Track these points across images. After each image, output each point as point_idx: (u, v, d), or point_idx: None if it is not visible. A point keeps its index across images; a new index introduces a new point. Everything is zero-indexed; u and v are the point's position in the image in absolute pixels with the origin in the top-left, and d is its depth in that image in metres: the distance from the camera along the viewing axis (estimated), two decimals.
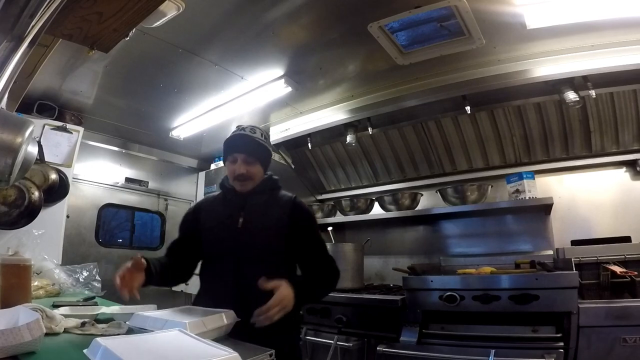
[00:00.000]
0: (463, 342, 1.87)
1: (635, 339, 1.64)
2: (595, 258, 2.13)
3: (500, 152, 2.78)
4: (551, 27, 1.97)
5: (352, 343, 2.14)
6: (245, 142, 1.50)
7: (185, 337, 0.88)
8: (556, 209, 2.51)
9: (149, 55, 2.28)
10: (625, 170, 2.50)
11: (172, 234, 3.92)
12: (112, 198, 3.51)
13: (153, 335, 0.91)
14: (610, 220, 2.44)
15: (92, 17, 1.41)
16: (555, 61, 2.23)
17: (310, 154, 3.41)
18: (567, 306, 1.74)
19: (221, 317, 1.09)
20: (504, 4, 1.82)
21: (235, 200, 1.51)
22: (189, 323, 0.95)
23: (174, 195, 4.02)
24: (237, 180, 1.49)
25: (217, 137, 3.53)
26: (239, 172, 1.46)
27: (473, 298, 1.91)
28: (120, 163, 3.60)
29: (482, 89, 2.39)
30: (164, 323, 1.00)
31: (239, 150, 1.49)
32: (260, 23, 2.01)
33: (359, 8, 1.89)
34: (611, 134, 2.47)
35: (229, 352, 0.75)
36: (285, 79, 2.49)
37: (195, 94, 2.79)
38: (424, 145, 2.95)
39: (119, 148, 3.54)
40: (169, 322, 1.00)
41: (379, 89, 2.71)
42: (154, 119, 3.21)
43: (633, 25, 1.95)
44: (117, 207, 3.59)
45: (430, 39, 2.15)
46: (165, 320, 1.02)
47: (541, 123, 2.56)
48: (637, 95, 2.30)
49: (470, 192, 2.60)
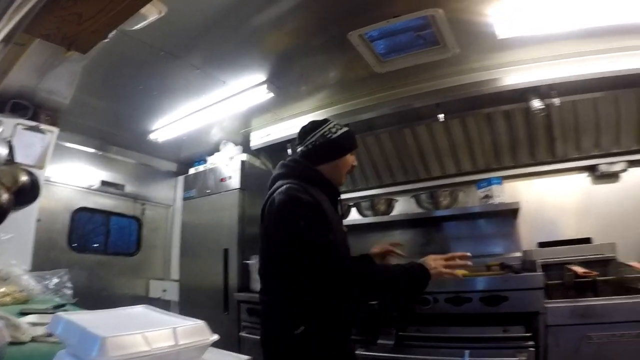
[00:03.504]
0: (439, 343, 1.90)
1: (600, 337, 1.69)
2: (560, 259, 2.23)
3: (471, 159, 2.87)
4: (519, 38, 2.05)
5: None
6: None
7: (150, 312, 0.89)
8: (524, 213, 2.62)
9: (129, 56, 2.26)
10: (586, 175, 2.64)
11: (149, 239, 3.92)
12: (86, 201, 3.42)
13: (119, 310, 0.91)
14: (573, 222, 2.56)
15: (71, 18, 1.41)
16: (523, 70, 2.33)
17: None
18: (535, 306, 1.80)
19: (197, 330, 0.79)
20: (476, 14, 1.89)
21: (335, 201, 1.48)
22: (108, 339, 0.64)
23: (152, 199, 3.96)
24: (349, 173, 1.55)
25: (197, 141, 3.53)
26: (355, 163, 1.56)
27: (446, 300, 1.95)
28: (96, 165, 3.50)
29: (454, 97, 2.47)
30: (80, 333, 0.70)
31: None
32: (244, 29, 2.03)
33: (342, 17, 1.93)
34: (573, 140, 2.59)
35: (195, 322, 0.77)
36: (267, 84, 2.51)
37: (175, 97, 2.78)
38: (400, 152, 3.02)
39: (95, 150, 3.45)
40: (84, 334, 0.69)
41: (357, 96, 2.76)
42: (133, 121, 3.17)
43: (594, 35, 2.06)
44: (92, 211, 3.49)
45: (407, 48, 2.21)
46: (82, 330, 0.70)
47: (509, 130, 2.66)
48: (596, 103, 2.42)
49: (443, 198, 2.69)
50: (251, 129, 3.34)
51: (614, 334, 1.67)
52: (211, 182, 3.30)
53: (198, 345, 0.75)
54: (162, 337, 0.71)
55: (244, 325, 2.67)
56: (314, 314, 1.30)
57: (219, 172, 3.27)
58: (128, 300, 2.59)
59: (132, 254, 3.78)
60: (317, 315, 1.31)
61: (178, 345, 0.71)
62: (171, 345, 0.71)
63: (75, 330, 0.70)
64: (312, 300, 1.30)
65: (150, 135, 3.33)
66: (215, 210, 3.18)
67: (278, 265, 1.35)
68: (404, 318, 2.04)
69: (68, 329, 0.72)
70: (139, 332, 0.69)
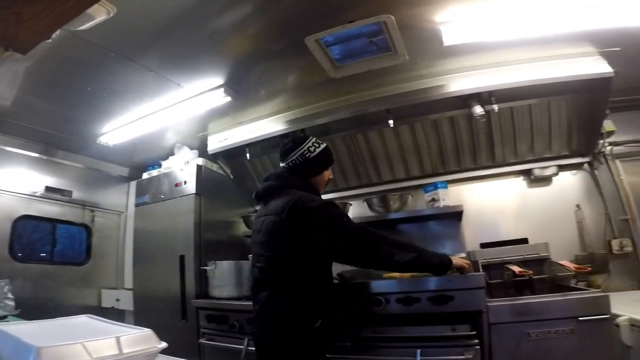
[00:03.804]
0: (393, 343, 1.92)
1: (537, 333, 1.75)
2: (500, 259, 2.35)
3: (419, 163, 2.99)
4: (464, 45, 2.11)
5: None
6: None
7: (94, 321, 0.87)
8: (467, 215, 2.77)
9: (77, 57, 2.16)
10: (522, 179, 2.85)
11: (100, 248, 3.76)
12: (29, 209, 3.22)
13: (59, 320, 0.88)
14: (512, 223, 2.75)
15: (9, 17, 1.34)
16: (466, 77, 2.41)
17: (249, 164, 3.40)
18: (478, 305, 1.84)
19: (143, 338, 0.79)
20: (426, 21, 1.95)
21: None
22: (44, 349, 0.62)
23: (102, 206, 3.80)
24: (326, 185, 1.85)
25: (151, 144, 3.42)
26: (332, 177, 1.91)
27: (396, 301, 1.98)
28: (40, 171, 3.31)
29: (404, 103, 2.53)
30: (14, 344, 0.68)
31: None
32: (202, 32, 1.99)
33: (301, 21, 1.94)
34: (511, 145, 2.76)
35: (141, 330, 0.76)
36: (224, 88, 2.47)
37: (127, 99, 2.67)
38: (353, 156, 3.09)
39: (39, 154, 3.26)
40: (18, 345, 0.67)
41: (314, 101, 2.78)
42: (81, 124, 3.01)
43: (532, 43, 2.18)
44: (35, 219, 3.29)
45: (361, 54, 2.24)
46: (16, 340, 0.68)
47: (454, 136, 2.80)
48: (531, 109, 2.60)
49: (393, 201, 2.78)
50: (208, 133, 3.28)
51: (549, 330, 1.74)
52: (165, 187, 3.22)
53: (144, 353, 0.74)
54: (104, 347, 0.70)
55: (204, 332, 2.63)
56: (328, 309, 1.61)
57: (173, 176, 3.20)
58: (78, 311, 2.42)
59: (81, 263, 3.62)
60: (329, 311, 1.61)
61: (122, 355, 0.71)
62: (114, 355, 0.70)
63: (9, 341, 0.68)
64: (328, 296, 1.62)
65: (101, 139, 3.18)
66: (170, 216, 3.10)
67: (309, 257, 1.58)
68: (360, 319, 2.07)
69: (2, 340, 0.70)
70: (79, 342, 0.67)
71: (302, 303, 1.55)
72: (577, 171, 2.80)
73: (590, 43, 2.20)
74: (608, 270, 2.54)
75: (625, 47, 2.16)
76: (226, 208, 3.39)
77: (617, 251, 2.56)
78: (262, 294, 1.62)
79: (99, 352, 0.68)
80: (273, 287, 1.61)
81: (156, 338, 0.79)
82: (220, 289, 2.70)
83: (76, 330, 0.81)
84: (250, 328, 1.75)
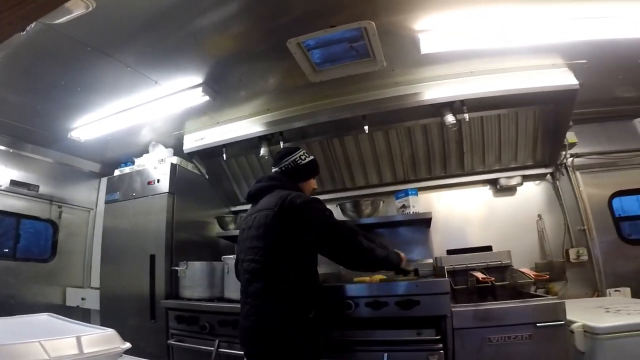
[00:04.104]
0: (361, 347, 1.94)
1: (497, 339, 1.79)
2: (465, 265, 2.42)
3: (391, 170, 3.06)
4: (439, 53, 2.15)
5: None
6: None
7: (55, 320, 0.84)
8: (436, 222, 2.84)
9: (51, 50, 2.10)
10: (489, 188, 2.97)
11: (67, 245, 3.64)
12: None
13: (18, 318, 0.85)
14: (478, 231, 2.86)
15: None
16: (440, 85, 2.45)
17: (225, 164, 3.37)
18: (443, 310, 1.87)
19: (105, 338, 0.77)
20: (405, 28, 1.98)
21: None
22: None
23: (70, 201, 3.70)
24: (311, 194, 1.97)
25: (125, 141, 3.35)
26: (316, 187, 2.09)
27: (365, 305, 1.99)
28: (5, 164, 3.20)
29: (379, 109, 2.56)
30: None
31: None
32: (184, 30, 1.98)
33: (284, 25, 1.95)
34: (479, 154, 2.85)
35: (103, 330, 0.75)
36: (203, 87, 2.45)
37: (101, 94, 2.61)
38: (329, 161, 3.12)
39: (6, 147, 3.16)
40: None
41: (293, 104, 2.79)
42: (52, 118, 2.92)
43: (504, 54, 2.24)
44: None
45: (340, 59, 2.26)
46: None
47: (426, 144, 2.87)
48: (500, 119, 2.68)
49: (365, 207, 2.81)
50: (185, 132, 3.23)
51: (509, 335, 1.79)
52: (138, 185, 3.16)
53: (107, 354, 0.73)
54: (64, 346, 0.68)
55: (173, 333, 2.60)
56: (319, 300, 1.72)
57: (146, 174, 3.15)
58: (41, 309, 2.35)
59: (46, 260, 3.51)
60: (320, 302, 1.72)
61: (83, 354, 0.69)
62: (74, 354, 0.69)
63: None
64: (315, 293, 1.72)
65: (72, 133, 3.09)
66: (142, 214, 3.05)
67: (298, 254, 1.67)
68: (330, 322, 2.07)
69: None
70: (37, 341, 0.65)
71: (291, 300, 1.63)
72: (540, 182, 2.93)
73: (559, 55, 2.28)
74: (565, 278, 2.69)
75: (590, 60, 2.27)
76: (200, 208, 3.36)
77: (574, 260, 2.69)
78: (256, 286, 1.67)
79: (58, 351, 0.66)
80: (267, 280, 1.66)
81: (119, 338, 0.78)
82: (192, 290, 2.68)
83: (35, 329, 0.78)
84: (241, 321, 1.74)
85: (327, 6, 1.84)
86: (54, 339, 0.67)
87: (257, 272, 1.69)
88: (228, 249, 3.35)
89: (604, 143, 2.92)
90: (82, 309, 3.43)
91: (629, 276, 2.64)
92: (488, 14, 1.91)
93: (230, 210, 3.68)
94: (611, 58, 2.27)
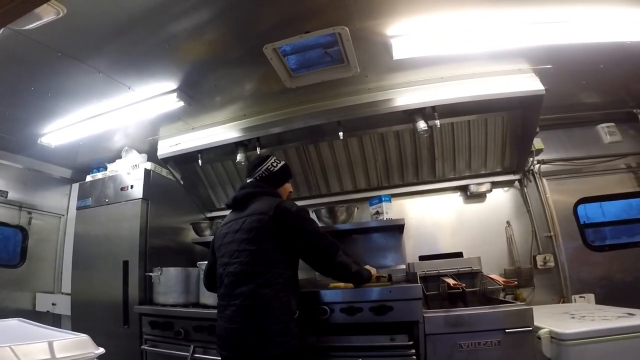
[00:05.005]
0: (336, 352, 1.94)
1: (468, 344, 1.81)
2: (436, 271, 2.44)
3: (366, 176, 3.09)
4: (411, 59, 2.17)
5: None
6: None
7: (26, 325, 0.84)
8: (409, 228, 2.89)
9: (20, 56, 2.05)
10: (459, 195, 3.02)
11: (37, 251, 3.56)
12: None
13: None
14: (449, 237, 2.91)
15: None
16: (412, 91, 2.47)
17: (201, 170, 3.34)
18: (415, 316, 1.89)
19: (78, 344, 0.78)
20: (378, 34, 2.00)
21: None
22: None
23: (40, 208, 3.63)
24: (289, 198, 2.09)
25: (97, 146, 3.30)
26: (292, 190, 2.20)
27: (340, 310, 1.99)
28: None
29: (354, 115, 2.57)
30: None
31: None
32: (157, 36, 1.96)
33: (260, 30, 1.95)
34: (450, 161, 2.90)
35: (76, 335, 0.76)
36: (177, 93, 2.43)
37: (72, 100, 2.56)
38: (305, 167, 3.12)
39: None
40: None
41: (269, 110, 2.79)
42: (22, 124, 2.85)
43: (472, 59, 2.27)
44: None
45: (316, 64, 2.27)
46: None
47: (399, 150, 2.90)
48: (470, 125, 2.72)
49: (340, 213, 2.84)
50: (159, 137, 3.19)
51: (479, 341, 1.81)
52: (110, 191, 3.11)
53: (80, 359, 0.74)
54: (35, 351, 0.69)
55: (147, 339, 2.57)
56: (302, 302, 1.81)
57: (119, 180, 3.09)
58: (9, 314, 2.31)
59: (15, 266, 3.44)
60: (303, 304, 1.82)
61: (55, 359, 0.70)
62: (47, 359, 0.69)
63: None
64: (299, 290, 1.83)
65: (42, 139, 3.03)
66: (115, 220, 3.00)
67: (290, 258, 1.77)
68: (305, 328, 2.05)
69: None
70: (7, 346, 0.66)
71: (280, 301, 1.68)
72: (509, 188, 3.00)
73: (524, 60, 2.33)
74: (533, 284, 2.75)
75: (555, 65, 2.32)
76: (175, 214, 3.33)
77: (541, 266, 2.76)
78: (244, 288, 1.69)
79: (29, 356, 0.67)
80: (257, 281, 1.68)
81: (93, 343, 0.79)
82: (166, 296, 2.66)
83: (6, 334, 0.79)
84: (223, 324, 1.73)
85: (302, 12, 1.86)
86: (25, 344, 0.68)
87: (245, 274, 1.71)
88: (203, 255, 3.32)
89: (569, 149, 3.00)
90: (53, 314, 3.39)
91: (593, 282, 2.72)
92: (457, 18, 1.95)
93: (205, 217, 3.65)
94: (574, 63, 2.33)
